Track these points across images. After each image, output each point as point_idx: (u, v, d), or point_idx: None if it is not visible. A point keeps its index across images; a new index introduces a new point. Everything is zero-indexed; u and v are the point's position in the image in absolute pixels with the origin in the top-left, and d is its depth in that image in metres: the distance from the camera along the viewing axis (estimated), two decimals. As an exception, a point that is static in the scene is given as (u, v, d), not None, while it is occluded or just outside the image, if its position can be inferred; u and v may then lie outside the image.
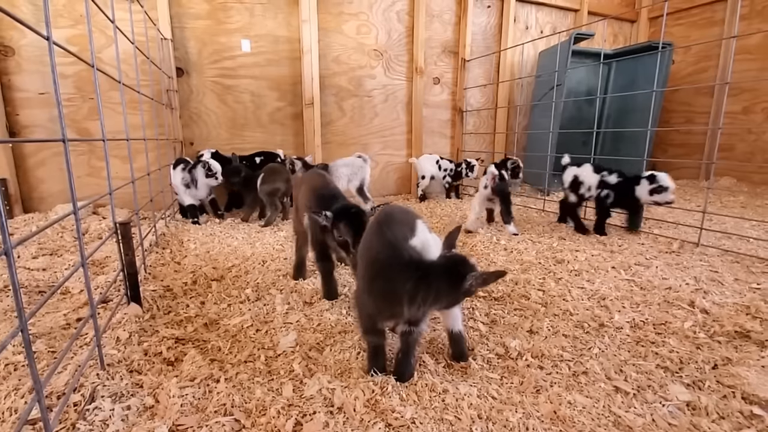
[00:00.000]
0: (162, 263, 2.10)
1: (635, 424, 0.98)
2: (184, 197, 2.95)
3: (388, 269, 1.08)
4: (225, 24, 3.42)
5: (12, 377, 1.11)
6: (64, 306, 1.57)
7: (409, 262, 1.06)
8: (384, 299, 1.11)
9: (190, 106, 3.44)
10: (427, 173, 3.86)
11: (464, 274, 1.00)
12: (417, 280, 1.03)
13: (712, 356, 1.25)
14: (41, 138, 2.95)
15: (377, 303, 1.12)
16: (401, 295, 1.05)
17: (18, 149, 2.99)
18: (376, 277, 1.12)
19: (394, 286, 1.06)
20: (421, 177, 3.88)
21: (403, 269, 1.05)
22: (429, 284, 1.03)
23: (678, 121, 5.02)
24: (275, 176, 2.90)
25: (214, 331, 1.44)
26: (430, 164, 3.88)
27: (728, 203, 3.62)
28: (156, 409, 1.02)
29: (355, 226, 1.32)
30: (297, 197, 1.89)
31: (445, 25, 4.24)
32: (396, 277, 1.06)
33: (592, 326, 1.46)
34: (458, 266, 1.03)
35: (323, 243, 1.59)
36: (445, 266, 1.05)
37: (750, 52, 4.35)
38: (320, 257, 1.67)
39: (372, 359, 1.18)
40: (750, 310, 1.53)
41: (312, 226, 1.61)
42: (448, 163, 3.97)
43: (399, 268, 1.06)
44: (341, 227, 1.34)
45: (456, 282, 1.01)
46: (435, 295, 1.04)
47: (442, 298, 1.05)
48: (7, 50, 2.89)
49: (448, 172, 3.97)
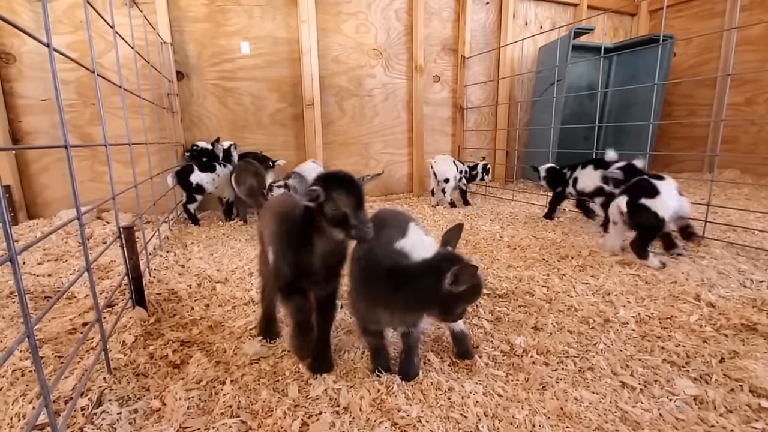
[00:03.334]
0: (166, 267, 2.11)
1: (642, 419, 0.98)
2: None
3: (367, 277, 1.08)
4: (224, 26, 3.42)
5: (20, 383, 1.12)
6: (69, 311, 1.58)
7: (388, 270, 1.02)
8: (366, 306, 1.11)
9: (191, 109, 3.45)
10: (451, 176, 3.42)
11: (444, 270, 0.93)
12: (394, 286, 1.00)
13: (719, 350, 1.25)
14: (44, 144, 2.96)
15: (363, 308, 1.13)
16: (381, 302, 1.05)
17: (21, 156, 3.00)
18: (358, 284, 1.12)
19: (373, 294, 1.07)
20: (444, 180, 3.44)
21: (378, 277, 1.04)
22: (408, 288, 1.00)
23: (680, 114, 4.99)
24: (245, 174, 2.87)
25: (219, 334, 1.45)
26: (449, 166, 3.45)
27: (732, 195, 3.60)
28: (163, 411, 1.02)
29: (353, 193, 1.04)
30: (261, 231, 1.46)
31: (444, 22, 4.23)
32: (374, 285, 1.06)
33: (598, 322, 1.46)
34: (440, 263, 0.97)
35: (298, 265, 1.15)
36: (424, 265, 1.00)
37: (752, 43, 4.32)
38: (289, 290, 1.18)
39: (375, 359, 1.18)
40: (756, 302, 1.52)
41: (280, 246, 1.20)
42: (461, 165, 3.61)
43: (375, 275, 1.05)
44: (336, 197, 1.02)
45: (436, 280, 0.95)
46: (417, 297, 1.00)
47: (428, 300, 1.00)
48: (8, 57, 2.90)
49: (463, 174, 3.59)
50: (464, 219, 3.11)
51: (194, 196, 2.98)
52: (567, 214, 3.10)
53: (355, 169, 4.08)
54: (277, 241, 1.21)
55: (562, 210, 3.20)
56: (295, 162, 3.76)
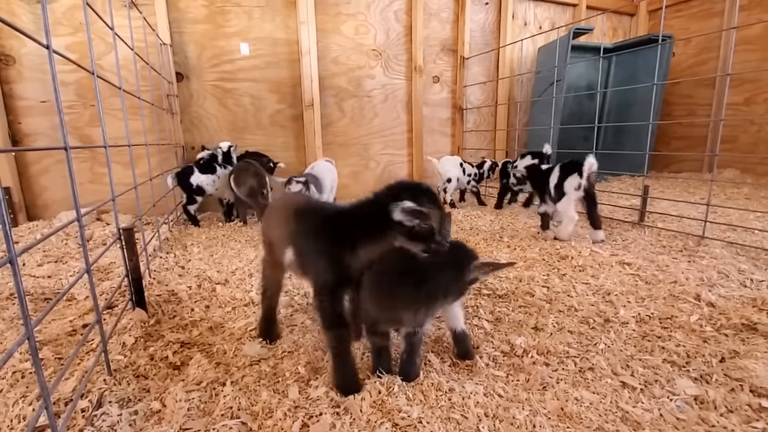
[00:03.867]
0: (166, 268, 2.11)
1: (643, 419, 0.98)
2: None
3: (386, 278, 1.10)
4: (223, 28, 3.42)
5: (20, 384, 1.11)
6: (69, 312, 1.58)
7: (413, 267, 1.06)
8: (385, 309, 1.11)
9: (191, 111, 3.45)
10: (453, 176, 3.43)
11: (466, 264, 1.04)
12: (418, 283, 1.04)
13: (719, 349, 1.24)
14: (43, 146, 2.97)
15: (380, 311, 1.12)
16: (403, 301, 1.06)
17: (21, 158, 3.00)
18: (375, 287, 1.12)
19: (395, 294, 1.08)
20: (447, 180, 3.42)
21: (403, 275, 1.07)
22: (432, 283, 1.04)
23: (680, 114, 4.99)
24: (244, 175, 2.85)
25: (220, 335, 1.45)
26: (453, 166, 3.46)
27: (732, 195, 3.60)
28: (163, 413, 1.02)
29: (440, 207, 1.02)
30: (268, 232, 1.37)
31: (444, 23, 4.23)
32: (396, 285, 1.07)
33: (598, 322, 1.46)
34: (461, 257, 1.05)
35: (342, 284, 1.08)
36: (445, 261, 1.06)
37: (751, 43, 4.32)
38: (335, 321, 1.09)
39: (377, 360, 1.18)
40: (756, 302, 1.52)
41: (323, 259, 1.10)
42: (471, 168, 3.59)
43: (398, 274, 1.08)
44: (425, 212, 0.97)
45: (457, 272, 1.05)
46: (442, 290, 1.06)
47: (450, 290, 1.08)
48: (8, 59, 2.91)
49: (473, 177, 3.59)
50: (464, 219, 3.11)
51: (194, 198, 2.98)
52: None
53: (355, 170, 4.09)
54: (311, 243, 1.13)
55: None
56: (295, 163, 3.76)
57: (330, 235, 1.10)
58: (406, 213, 0.99)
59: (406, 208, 0.99)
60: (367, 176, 4.16)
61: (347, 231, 1.09)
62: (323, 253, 1.10)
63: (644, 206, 2.71)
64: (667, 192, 3.83)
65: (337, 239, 1.09)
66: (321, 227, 1.13)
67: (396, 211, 1.00)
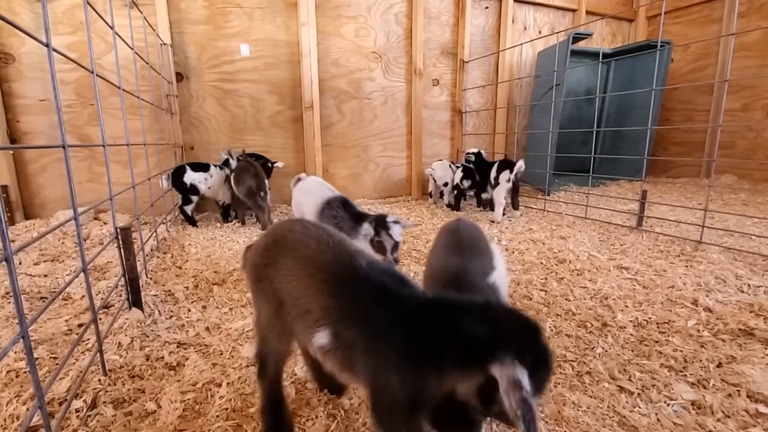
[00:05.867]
0: (163, 268, 2.10)
1: (640, 423, 0.97)
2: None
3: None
4: (224, 29, 3.43)
5: (14, 384, 1.11)
6: (65, 312, 1.57)
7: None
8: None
9: (190, 111, 3.45)
10: (448, 179, 3.65)
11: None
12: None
13: (717, 354, 1.25)
14: (42, 144, 2.96)
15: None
16: None
17: (19, 156, 2.99)
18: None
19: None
20: (444, 185, 3.69)
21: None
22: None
23: (678, 120, 5.01)
24: (244, 175, 2.85)
25: (216, 336, 1.44)
26: (445, 171, 3.68)
27: (729, 201, 3.61)
28: (158, 414, 1.02)
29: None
30: (275, 278, 0.87)
31: (444, 26, 4.24)
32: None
33: (595, 326, 1.46)
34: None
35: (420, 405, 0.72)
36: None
37: (749, 49, 4.35)
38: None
39: None
40: (753, 307, 1.53)
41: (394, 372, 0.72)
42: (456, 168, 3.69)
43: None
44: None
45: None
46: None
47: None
48: (7, 57, 2.90)
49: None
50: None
51: (189, 197, 2.97)
52: (564, 219, 3.10)
53: (354, 172, 4.09)
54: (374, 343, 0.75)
55: (558, 214, 3.21)
56: (294, 164, 3.76)
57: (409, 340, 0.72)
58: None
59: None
60: (366, 178, 4.16)
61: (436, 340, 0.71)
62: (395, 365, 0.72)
63: (642, 211, 2.71)
64: (664, 197, 3.84)
65: (420, 351, 0.71)
66: (395, 322, 0.74)
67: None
